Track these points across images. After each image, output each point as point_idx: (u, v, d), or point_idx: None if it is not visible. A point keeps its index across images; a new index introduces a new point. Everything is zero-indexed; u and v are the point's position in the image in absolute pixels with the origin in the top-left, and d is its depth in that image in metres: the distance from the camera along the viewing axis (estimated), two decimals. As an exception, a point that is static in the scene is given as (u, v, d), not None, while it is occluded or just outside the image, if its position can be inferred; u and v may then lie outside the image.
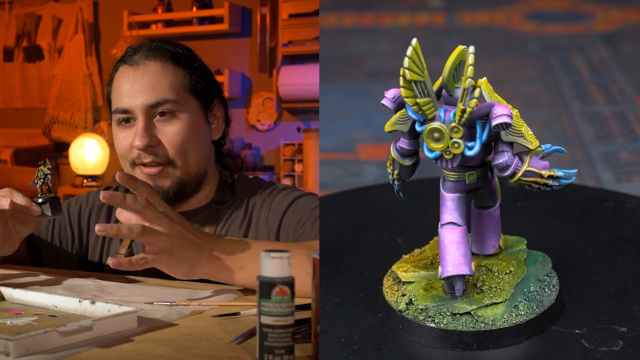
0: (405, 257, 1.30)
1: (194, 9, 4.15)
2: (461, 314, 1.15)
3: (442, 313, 1.15)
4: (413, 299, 1.18)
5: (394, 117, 1.15)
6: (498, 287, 1.17)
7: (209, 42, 4.16)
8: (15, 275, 1.39)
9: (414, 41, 1.06)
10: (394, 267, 1.24)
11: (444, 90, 1.12)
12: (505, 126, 1.07)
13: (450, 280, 1.16)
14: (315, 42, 3.87)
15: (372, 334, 1.18)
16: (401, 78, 1.07)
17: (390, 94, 1.13)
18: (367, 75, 3.01)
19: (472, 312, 1.15)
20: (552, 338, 1.17)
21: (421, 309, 1.16)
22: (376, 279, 1.28)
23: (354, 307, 1.24)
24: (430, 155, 1.11)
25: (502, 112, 1.07)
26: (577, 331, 1.18)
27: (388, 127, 1.16)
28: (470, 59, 1.04)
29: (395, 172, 1.19)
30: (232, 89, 4.08)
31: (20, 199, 1.28)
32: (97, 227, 1.12)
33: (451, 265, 1.14)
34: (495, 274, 1.19)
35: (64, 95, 4.49)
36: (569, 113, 2.65)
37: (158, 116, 1.39)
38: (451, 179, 1.14)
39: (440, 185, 1.16)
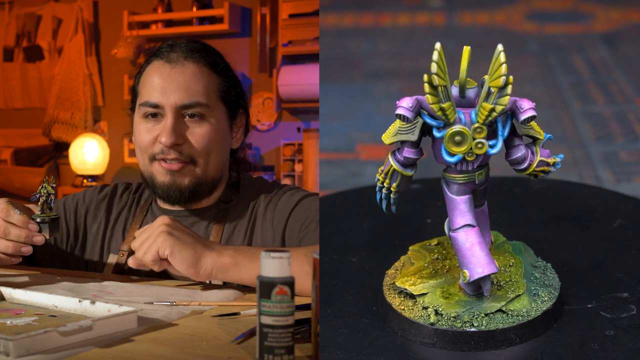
0: (390, 272, 1.27)
1: (194, 9, 4.15)
2: (494, 313, 1.15)
3: (476, 316, 1.15)
4: (439, 309, 1.16)
5: (394, 128, 1.12)
6: (512, 280, 1.18)
7: (209, 42, 4.14)
8: (15, 275, 1.39)
9: (438, 45, 1.04)
10: (397, 283, 1.21)
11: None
12: (532, 119, 1.08)
13: (477, 281, 1.14)
14: (315, 42, 3.87)
15: (408, 354, 1.16)
16: (426, 85, 1.05)
17: (406, 103, 1.09)
18: (367, 75, 3.01)
19: (504, 309, 1.15)
20: (574, 316, 1.21)
21: (454, 317, 1.15)
22: (365, 302, 1.26)
23: (366, 333, 1.20)
24: (451, 159, 1.09)
25: (529, 106, 1.08)
26: (589, 305, 1.23)
27: (388, 138, 1.12)
28: (502, 56, 1.04)
29: (394, 184, 1.16)
30: (232, 89, 4.07)
31: (16, 218, 1.27)
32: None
33: (479, 266, 1.13)
34: (501, 268, 1.20)
35: (64, 95, 4.48)
36: (569, 113, 2.65)
37: (187, 117, 1.41)
38: (460, 181, 1.13)
39: (446, 190, 1.14)
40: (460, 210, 1.14)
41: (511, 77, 1.04)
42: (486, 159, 1.12)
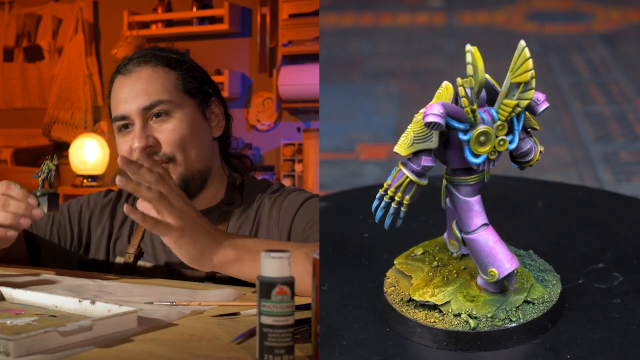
0: (389, 290, 1.23)
1: (194, 9, 4.15)
2: (521, 305, 1.16)
3: (510, 311, 1.15)
4: (472, 313, 1.15)
5: (408, 138, 1.09)
6: (518, 272, 1.19)
7: (209, 42, 4.15)
8: (15, 275, 1.39)
9: (470, 46, 1.04)
10: (416, 297, 1.17)
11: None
12: (545, 109, 1.09)
13: (503, 278, 1.13)
14: (315, 42, 3.87)
15: None
16: (461, 88, 1.04)
17: (437, 109, 1.04)
18: (367, 75, 3.01)
19: (528, 299, 1.16)
20: (575, 294, 1.23)
21: (490, 317, 1.14)
22: (375, 327, 1.20)
23: (403, 356, 1.15)
24: (477, 160, 1.08)
25: (543, 98, 1.09)
26: (580, 282, 1.26)
27: (405, 149, 1.09)
28: (527, 51, 1.04)
29: (407, 196, 1.12)
30: (232, 89, 4.07)
31: (17, 191, 1.31)
32: (117, 180, 1.13)
33: (507, 262, 1.13)
34: None
35: (64, 95, 4.49)
36: (569, 113, 2.65)
37: (154, 117, 1.42)
38: (472, 182, 1.12)
39: (457, 194, 1.13)
40: (476, 211, 1.13)
41: (534, 72, 1.04)
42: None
